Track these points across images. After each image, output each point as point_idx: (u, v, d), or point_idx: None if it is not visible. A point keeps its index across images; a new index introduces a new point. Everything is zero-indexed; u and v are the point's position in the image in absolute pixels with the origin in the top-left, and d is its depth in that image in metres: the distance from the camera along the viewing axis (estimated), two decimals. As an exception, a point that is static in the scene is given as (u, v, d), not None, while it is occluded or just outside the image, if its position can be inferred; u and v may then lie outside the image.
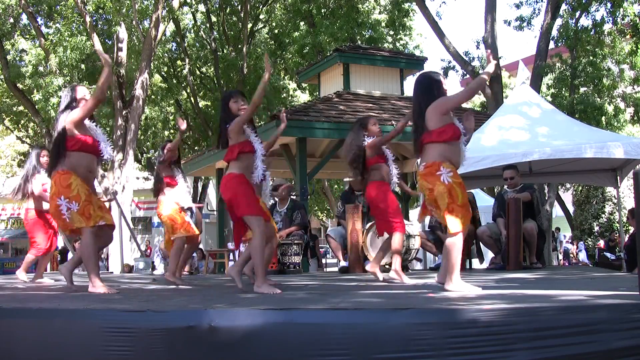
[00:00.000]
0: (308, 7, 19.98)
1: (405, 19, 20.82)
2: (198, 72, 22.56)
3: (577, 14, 14.76)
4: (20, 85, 17.97)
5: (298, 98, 22.19)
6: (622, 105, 16.88)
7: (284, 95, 21.95)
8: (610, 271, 7.40)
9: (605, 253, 13.47)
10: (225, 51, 20.68)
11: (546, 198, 13.78)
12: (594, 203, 19.11)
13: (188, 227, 5.56)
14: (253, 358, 2.62)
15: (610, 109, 15.80)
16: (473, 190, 9.05)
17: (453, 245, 3.77)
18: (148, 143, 23.01)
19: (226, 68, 19.98)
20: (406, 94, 12.71)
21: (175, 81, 21.89)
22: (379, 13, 21.13)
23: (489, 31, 14.06)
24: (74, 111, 4.35)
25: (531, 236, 7.07)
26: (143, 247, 13.85)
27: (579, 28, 14.51)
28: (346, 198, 7.75)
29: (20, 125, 22.67)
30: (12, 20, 18.02)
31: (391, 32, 20.81)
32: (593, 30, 14.50)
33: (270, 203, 6.59)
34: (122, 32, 16.50)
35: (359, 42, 18.24)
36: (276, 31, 22.09)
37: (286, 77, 22.43)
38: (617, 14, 14.05)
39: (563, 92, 15.70)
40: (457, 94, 3.99)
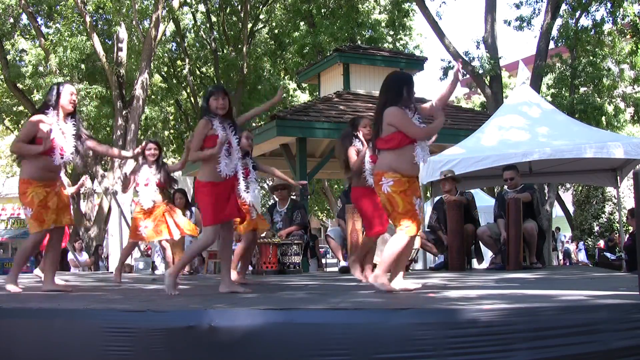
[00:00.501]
0: (308, 7, 19.98)
1: (405, 19, 20.82)
2: (198, 72, 22.56)
3: (577, 14, 14.77)
4: (20, 85, 17.97)
5: (298, 98, 22.19)
6: (622, 105, 16.90)
7: (284, 95, 21.95)
8: (610, 271, 7.40)
9: (605, 253, 13.46)
10: (225, 51, 20.68)
11: (546, 198, 13.78)
12: (594, 203, 19.10)
13: (139, 236, 5.97)
14: (253, 358, 2.62)
15: (610, 109, 15.81)
16: (473, 190, 9.04)
17: (395, 241, 3.78)
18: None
19: (226, 68, 19.98)
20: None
21: (175, 81, 21.89)
22: (379, 13, 21.13)
23: (489, 31, 14.07)
24: (23, 131, 4.43)
25: (531, 236, 7.06)
26: (143, 247, 13.83)
27: (579, 28, 14.52)
28: (346, 198, 7.74)
29: (20, 125, 22.67)
30: (12, 20, 18.02)
31: (391, 32, 20.81)
32: (593, 30, 14.51)
33: (265, 203, 6.57)
34: (122, 32, 16.50)
35: (359, 42, 18.23)
36: (276, 31, 22.09)
37: (286, 77, 22.43)
38: (617, 14, 14.06)
39: (563, 92, 15.71)
40: (412, 126, 3.83)
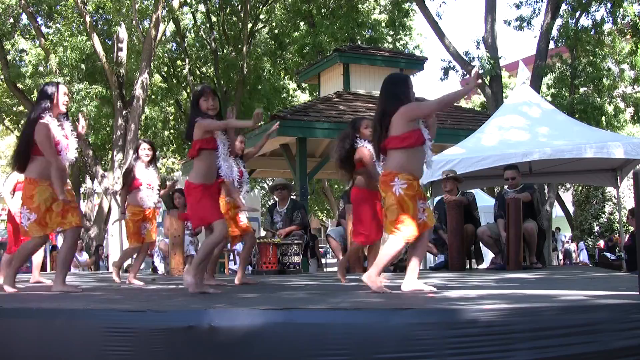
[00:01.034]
0: (308, 7, 19.99)
1: (405, 19, 20.82)
2: (198, 72, 22.55)
3: (577, 14, 14.77)
4: (20, 85, 17.98)
5: (298, 98, 22.19)
6: (622, 105, 16.90)
7: (284, 95, 21.95)
8: (610, 271, 7.40)
9: (605, 253, 13.47)
10: (225, 51, 20.68)
11: (546, 198, 13.78)
12: (594, 203, 19.12)
13: (138, 238, 5.81)
14: (253, 358, 2.62)
15: (610, 109, 15.81)
16: (473, 190, 9.04)
17: (393, 244, 3.73)
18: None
19: (226, 68, 19.98)
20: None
21: (175, 81, 21.89)
22: (379, 13, 21.13)
23: (489, 31, 14.06)
24: (44, 132, 4.31)
25: (531, 236, 7.06)
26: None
27: (579, 28, 14.52)
28: (348, 198, 7.74)
29: (20, 125, 22.67)
30: (12, 20, 18.03)
31: (391, 32, 20.81)
32: (593, 30, 14.51)
33: (265, 203, 6.56)
34: (122, 32, 16.51)
35: (359, 42, 18.24)
36: (276, 31, 22.08)
37: (286, 77, 22.43)
38: (617, 14, 14.06)
39: (563, 92, 15.70)
40: (429, 104, 3.91)
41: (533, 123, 8.18)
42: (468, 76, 15.79)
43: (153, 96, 20.60)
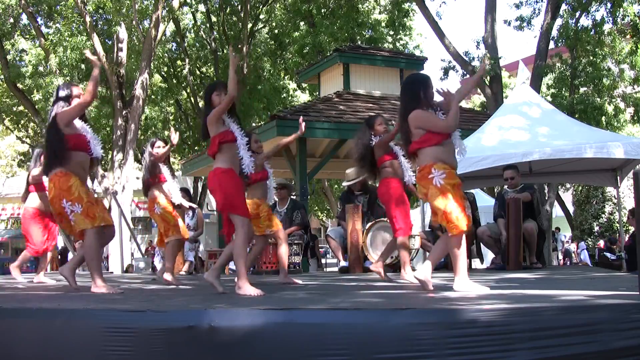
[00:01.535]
0: (308, 7, 19.98)
1: (405, 19, 20.82)
2: (198, 72, 22.55)
3: (577, 14, 14.76)
4: (20, 85, 17.98)
5: (298, 98, 22.18)
6: (622, 105, 16.89)
7: (284, 95, 21.94)
8: (610, 271, 7.40)
9: (605, 253, 13.47)
10: (225, 51, 20.68)
11: (546, 198, 13.78)
12: (594, 203, 19.13)
13: (180, 229, 5.52)
14: (253, 358, 2.62)
15: (610, 109, 15.81)
16: (473, 190, 9.05)
17: (456, 244, 3.69)
18: (148, 143, 22.97)
19: (226, 68, 19.92)
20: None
21: (175, 81, 21.89)
22: (379, 13, 21.13)
23: (489, 31, 14.06)
24: (67, 109, 4.31)
25: (531, 236, 7.06)
26: (143, 247, 13.85)
27: (579, 28, 14.51)
28: (346, 198, 7.75)
29: (20, 125, 22.68)
30: (12, 20, 18.02)
31: (391, 32, 20.81)
32: (593, 30, 14.50)
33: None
34: (122, 32, 16.50)
35: (359, 42, 18.24)
36: (276, 31, 22.08)
37: (286, 77, 22.43)
38: (617, 14, 14.05)
39: (563, 92, 15.70)
40: (437, 121, 3.81)
41: (533, 123, 8.18)
42: (468, 76, 15.80)
43: (153, 96, 20.61)
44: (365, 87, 12.30)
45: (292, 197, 8.17)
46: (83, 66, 16.67)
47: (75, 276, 4.71)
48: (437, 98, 4.03)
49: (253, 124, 19.00)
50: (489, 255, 7.93)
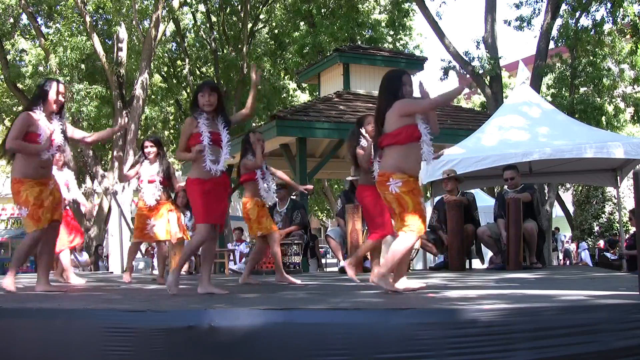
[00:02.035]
0: (308, 7, 19.98)
1: (405, 19, 20.81)
2: (198, 72, 22.55)
3: (577, 14, 14.76)
4: (20, 85, 17.97)
5: (298, 98, 22.18)
6: (622, 105, 16.90)
7: (284, 95, 21.95)
8: (610, 271, 7.41)
9: (605, 253, 13.47)
10: (225, 51, 20.68)
11: (546, 198, 13.78)
12: (594, 203, 19.12)
13: (146, 235, 5.90)
14: (253, 358, 2.62)
15: (610, 109, 15.82)
16: (473, 190, 9.04)
17: (403, 241, 3.72)
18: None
19: (226, 68, 19.99)
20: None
21: (175, 81, 21.89)
22: (379, 13, 21.13)
23: (489, 31, 14.06)
24: (16, 121, 4.32)
25: (531, 236, 7.06)
26: (143, 248, 13.81)
27: (579, 28, 14.52)
28: (346, 197, 7.74)
29: (20, 125, 22.65)
30: (12, 20, 18.02)
31: (391, 32, 20.80)
32: (593, 30, 14.51)
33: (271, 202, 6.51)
34: (122, 32, 16.50)
35: (359, 42, 18.23)
36: (276, 31, 22.08)
37: (286, 77, 22.43)
38: (617, 14, 14.06)
39: (563, 92, 15.71)
40: (422, 102, 3.86)
41: (533, 123, 8.18)
42: (468, 76, 15.78)
43: (153, 96, 20.61)
44: (365, 87, 12.30)
45: (292, 197, 8.16)
46: (83, 66, 16.68)
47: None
48: (417, 94, 4.05)
49: (253, 124, 19.01)
50: (489, 255, 7.93)
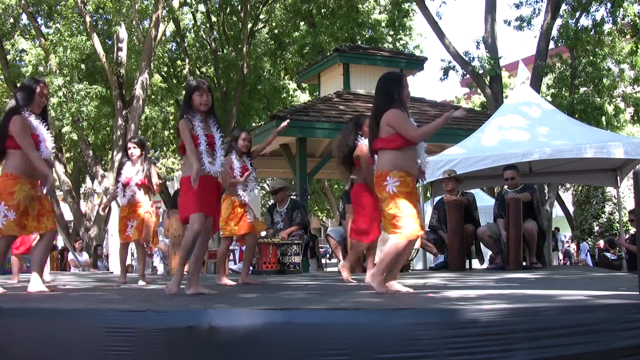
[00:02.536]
0: (308, 7, 19.98)
1: (405, 19, 20.80)
2: (198, 72, 22.53)
3: (577, 14, 14.76)
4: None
5: (298, 98, 22.17)
6: (622, 105, 16.90)
7: (284, 95, 21.94)
8: (610, 271, 7.41)
9: (605, 253, 13.48)
10: (225, 51, 20.68)
11: (546, 198, 13.78)
12: (594, 203, 19.13)
13: (128, 237, 5.84)
14: (253, 358, 2.62)
15: (610, 109, 15.81)
16: (473, 190, 9.04)
17: (394, 242, 3.65)
18: (148, 143, 22.99)
19: (226, 68, 19.97)
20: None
21: (175, 81, 21.86)
22: (379, 13, 21.12)
23: (489, 31, 14.06)
24: (17, 125, 4.25)
25: (531, 236, 7.06)
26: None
27: (579, 28, 14.52)
28: (347, 197, 7.74)
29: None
30: (12, 20, 18.02)
31: (391, 32, 20.79)
32: (593, 30, 14.51)
33: (265, 203, 6.50)
34: (122, 32, 16.49)
35: (359, 42, 18.22)
36: (276, 31, 22.08)
37: (286, 77, 22.42)
38: (617, 14, 14.06)
39: (563, 92, 15.70)
40: (413, 130, 3.75)
41: (533, 123, 8.18)
42: (468, 76, 15.79)
43: (153, 96, 20.59)
44: (365, 87, 12.29)
45: (292, 197, 8.16)
46: (83, 66, 16.67)
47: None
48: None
49: (253, 124, 19.00)
50: (489, 255, 7.93)
